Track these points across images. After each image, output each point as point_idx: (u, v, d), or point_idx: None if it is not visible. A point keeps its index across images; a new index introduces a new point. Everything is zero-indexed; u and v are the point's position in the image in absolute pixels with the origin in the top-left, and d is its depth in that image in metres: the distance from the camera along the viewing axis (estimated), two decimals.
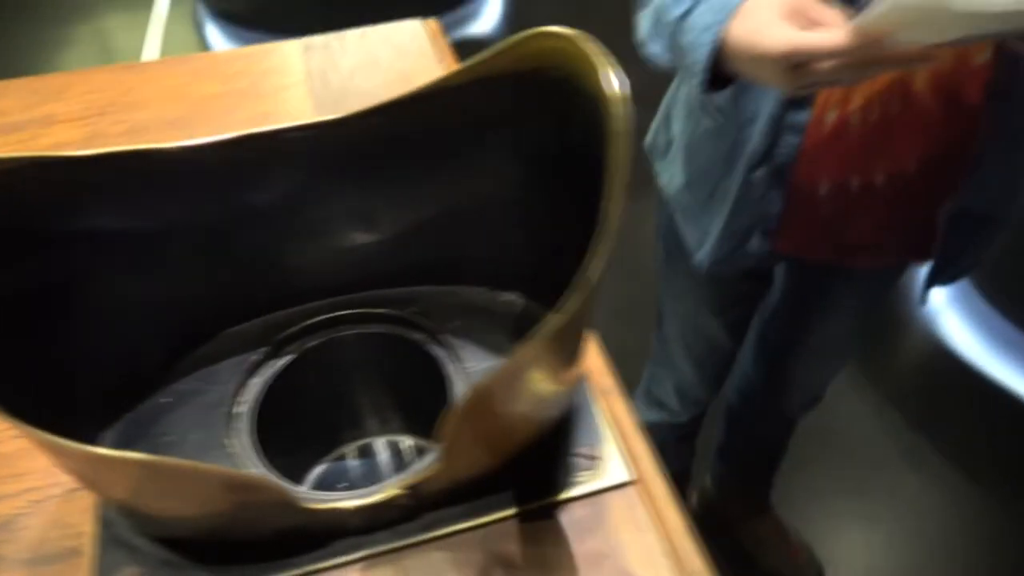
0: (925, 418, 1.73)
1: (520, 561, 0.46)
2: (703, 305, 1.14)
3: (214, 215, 0.54)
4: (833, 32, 0.59)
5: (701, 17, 0.70)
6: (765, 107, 0.81)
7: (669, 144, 1.02)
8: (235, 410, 0.54)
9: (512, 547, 0.46)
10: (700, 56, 0.70)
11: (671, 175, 1.01)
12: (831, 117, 0.82)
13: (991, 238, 0.93)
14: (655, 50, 0.81)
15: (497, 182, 0.55)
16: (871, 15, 0.56)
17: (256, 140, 0.51)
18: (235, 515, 0.44)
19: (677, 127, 0.99)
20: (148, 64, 1.56)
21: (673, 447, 1.46)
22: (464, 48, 0.77)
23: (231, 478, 0.43)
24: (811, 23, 0.61)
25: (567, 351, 0.45)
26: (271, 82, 0.90)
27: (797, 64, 0.61)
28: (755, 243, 0.92)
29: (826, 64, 0.60)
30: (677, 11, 0.73)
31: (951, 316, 1.93)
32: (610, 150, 0.40)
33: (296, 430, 0.59)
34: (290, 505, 0.44)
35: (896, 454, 1.67)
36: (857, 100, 0.80)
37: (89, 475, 0.44)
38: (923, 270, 0.96)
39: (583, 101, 0.43)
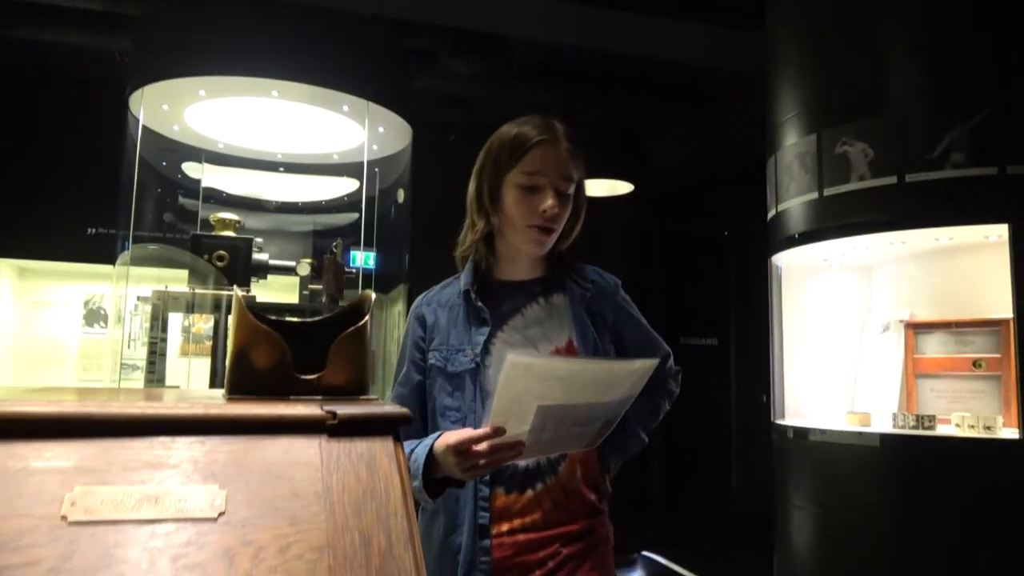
0: None
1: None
2: None
3: None
4: (480, 430, 1.18)
5: (424, 446, 1.27)
6: (465, 539, 1.33)
7: None
8: None
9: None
10: (419, 464, 1.25)
11: None
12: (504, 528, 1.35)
13: None
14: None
15: None
16: (495, 405, 1.13)
17: None
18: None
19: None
20: None
21: None
22: None
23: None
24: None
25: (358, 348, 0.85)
26: None
27: (465, 451, 1.18)
28: None
29: (480, 451, 1.17)
30: (408, 448, 1.26)
31: None
32: None
33: None
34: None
35: None
36: (530, 510, 1.36)
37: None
38: None
39: None
